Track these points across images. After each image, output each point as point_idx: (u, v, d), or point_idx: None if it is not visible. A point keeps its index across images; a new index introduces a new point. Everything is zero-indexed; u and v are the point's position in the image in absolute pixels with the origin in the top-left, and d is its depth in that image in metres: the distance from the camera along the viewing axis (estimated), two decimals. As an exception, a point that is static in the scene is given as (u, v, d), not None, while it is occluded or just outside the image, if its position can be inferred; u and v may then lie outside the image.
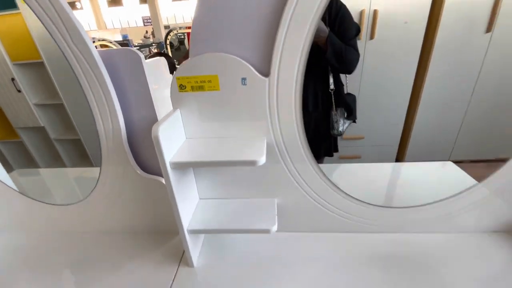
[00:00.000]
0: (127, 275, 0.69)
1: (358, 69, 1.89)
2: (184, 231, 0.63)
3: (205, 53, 0.56)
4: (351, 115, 1.13)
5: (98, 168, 0.72)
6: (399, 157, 2.26)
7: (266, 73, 0.57)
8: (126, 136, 0.67)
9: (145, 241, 0.79)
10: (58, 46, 0.56)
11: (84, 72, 0.58)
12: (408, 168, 1.13)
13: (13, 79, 1.56)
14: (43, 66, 1.58)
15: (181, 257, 0.72)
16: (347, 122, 1.15)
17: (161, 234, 0.81)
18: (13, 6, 1.43)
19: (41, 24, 0.53)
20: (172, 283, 0.65)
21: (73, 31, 0.54)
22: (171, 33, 3.53)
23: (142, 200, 0.76)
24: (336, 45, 0.91)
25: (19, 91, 1.59)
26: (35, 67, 1.60)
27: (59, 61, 1.68)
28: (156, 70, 0.69)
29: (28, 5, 0.52)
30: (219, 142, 0.62)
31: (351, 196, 0.70)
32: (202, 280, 0.66)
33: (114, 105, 0.62)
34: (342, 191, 0.69)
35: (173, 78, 0.59)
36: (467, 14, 1.72)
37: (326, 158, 1.27)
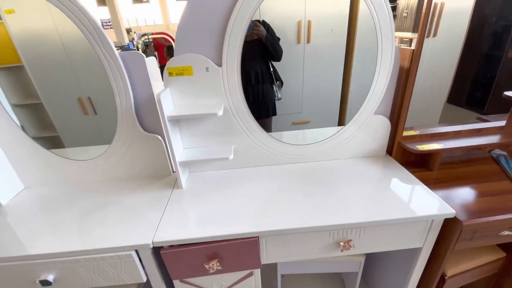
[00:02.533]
0: (138, 196, 1.07)
1: (300, 66, 2.43)
2: (176, 162, 1.03)
3: (184, 53, 0.98)
4: (282, 86, 1.73)
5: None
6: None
7: (220, 64, 1.01)
8: (134, 107, 1.05)
9: (146, 182, 1.17)
10: (93, 49, 0.93)
11: (109, 65, 0.96)
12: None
13: None
14: (23, 69, 1.83)
15: (174, 185, 1.12)
16: (280, 92, 1.73)
17: (157, 177, 1.19)
18: None
19: (23, 33, 0.89)
20: (170, 196, 1.05)
21: (103, 39, 0.92)
22: (143, 37, 3.82)
23: (143, 153, 1.14)
24: (271, 40, 1.43)
25: None
26: (13, 70, 1.85)
27: (38, 64, 1.96)
28: (151, 65, 1.08)
29: (71, 20, 0.89)
30: (194, 107, 1.04)
31: (278, 139, 1.16)
32: (189, 194, 1.07)
33: (127, 86, 1.00)
34: (273, 137, 1.15)
35: (165, 68, 0.99)
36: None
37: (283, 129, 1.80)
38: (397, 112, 1.14)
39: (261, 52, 1.53)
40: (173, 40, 3.81)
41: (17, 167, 1.15)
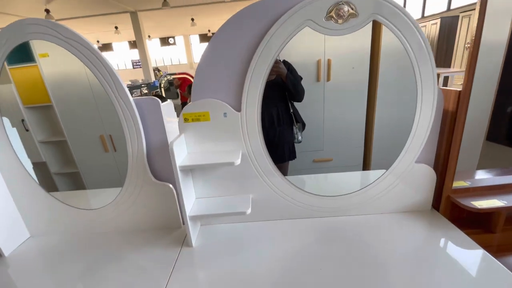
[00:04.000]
0: (143, 254, 0.94)
1: (321, 104, 2.36)
2: (187, 217, 0.92)
3: (201, 99, 0.92)
4: (303, 129, 1.62)
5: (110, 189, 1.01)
6: (363, 175, 2.61)
7: (238, 109, 0.93)
8: (146, 153, 0.98)
9: (154, 235, 1.05)
10: (107, 94, 0.90)
11: (123, 111, 0.91)
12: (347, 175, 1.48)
13: (23, 120, 1.86)
14: (52, 108, 1.91)
15: (183, 241, 0.99)
16: (301, 134, 1.63)
17: (166, 229, 1.08)
18: (31, 60, 1.80)
19: (54, 74, 0.87)
20: (178, 256, 0.92)
21: (119, 86, 0.88)
22: (168, 77, 4.04)
23: (153, 202, 1.04)
24: (292, 79, 1.37)
25: (27, 130, 1.88)
26: (44, 109, 1.93)
27: (66, 104, 2.03)
28: (167, 109, 1.03)
29: (89, 68, 0.87)
30: (210, 154, 0.95)
31: (300, 188, 1.02)
32: (199, 255, 0.93)
33: (140, 132, 0.94)
34: (294, 185, 1.02)
35: (180, 114, 0.93)
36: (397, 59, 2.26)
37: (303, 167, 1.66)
38: (442, 160, 0.97)
39: (281, 92, 1.46)
40: (193, 78, 3.97)
41: (25, 216, 1.09)
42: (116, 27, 10.35)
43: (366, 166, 2.62)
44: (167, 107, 1.02)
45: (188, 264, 0.89)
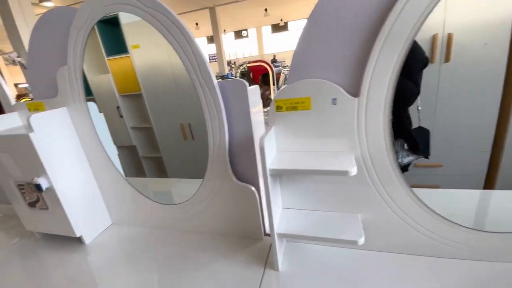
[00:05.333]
0: (222, 266, 0.78)
1: (433, 92, 1.81)
2: (274, 233, 0.70)
3: (301, 79, 0.67)
4: (416, 150, 1.12)
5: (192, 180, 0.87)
6: (487, 188, 1.96)
7: (355, 93, 0.65)
8: (228, 148, 0.80)
9: (231, 243, 0.89)
10: (190, 77, 0.74)
11: (205, 96, 0.75)
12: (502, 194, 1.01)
13: (118, 107, 2.00)
14: (141, 97, 2.00)
15: (266, 260, 0.79)
16: (413, 156, 1.14)
17: (245, 238, 0.89)
18: (125, 51, 1.89)
19: (144, 65, 0.72)
20: (261, 281, 0.72)
21: (203, 67, 0.72)
22: (241, 67, 4.01)
23: (232, 205, 0.87)
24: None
25: (121, 116, 2.02)
26: (134, 97, 2.04)
27: (153, 93, 2.11)
28: (253, 95, 0.83)
29: (174, 49, 0.72)
30: (308, 155, 0.70)
31: (442, 217, 0.68)
32: (288, 285, 0.71)
33: (223, 122, 0.76)
34: (433, 211, 0.68)
35: (273, 100, 0.71)
36: None
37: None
38: None
39: None
40: (269, 66, 3.78)
41: (109, 203, 1.07)
42: (196, 24, 11.15)
43: (490, 177, 1.95)
44: (253, 92, 0.81)
45: (274, 296, 0.68)
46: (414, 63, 1.01)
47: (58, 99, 0.92)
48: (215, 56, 11.36)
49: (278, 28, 14.35)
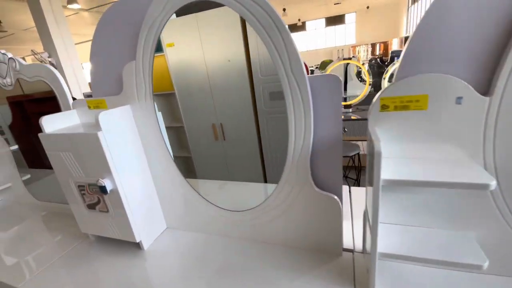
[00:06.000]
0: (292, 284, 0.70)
1: None
2: (376, 254, 0.61)
3: (415, 74, 0.57)
4: None
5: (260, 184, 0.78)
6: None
7: (485, 92, 0.54)
8: (310, 153, 0.72)
9: (304, 258, 0.80)
10: (277, 71, 0.66)
11: (293, 94, 0.67)
12: None
13: None
14: (174, 96, 1.96)
15: (354, 281, 0.70)
16: None
17: (319, 253, 0.81)
18: (160, 50, 1.85)
19: (177, 64, 0.64)
20: (358, 308, 0.63)
21: (294, 60, 0.63)
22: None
23: (309, 216, 0.79)
24: None
25: None
26: (167, 96, 2.00)
27: (185, 92, 2.07)
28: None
29: (261, 38, 0.65)
30: (419, 162, 0.60)
31: None
32: (389, 312, 0.61)
33: (310, 124, 0.68)
34: None
35: (376, 98, 0.61)
36: None
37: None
38: None
39: None
40: (306, 68, 3.64)
41: (164, 206, 1.02)
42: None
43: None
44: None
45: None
46: None
47: (122, 96, 0.87)
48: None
49: (295, 28, 14.17)
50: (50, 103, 1.13)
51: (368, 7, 13.45)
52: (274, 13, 0.62)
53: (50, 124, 0.86)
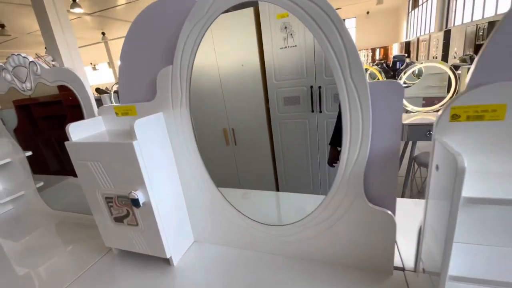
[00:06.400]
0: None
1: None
2: (446, 277, 0.55)
3: (492, 82, 0.53)
4: None
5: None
6: None
7: None
8: (365, 166, 0.67)
9: (351, 277, 0.75)
10: (334, 75, 0.61)
11: (350, 101, 0.62)
12: None
13: None
14: None
15: (414, 306, 0.64)
16: None
17: (367, 271, 0.75)
18: None
19: None
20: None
21: (354, 62, 0.59)
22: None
23: (358, 232, 0.73)
24: None
25: None
26: None
27: (196, 95, 2.01)
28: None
29: (315, 37, 0.60)
30: (498, 176, 0.55)
31: None
32: None
33: (368, 135, 0.63)
34: None
35: (446, 107, 0.57)
36: None
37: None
38: None
39: None
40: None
41: (193, 219, 0.96)
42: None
43: None
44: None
45: None
46: None
47: (154, 103, 0.82)
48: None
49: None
50: (54, 106, 1.08)
51: (368, 12, 13.58)
52: (328, 4, 0.57)
53: (77, 132, 0.81)
